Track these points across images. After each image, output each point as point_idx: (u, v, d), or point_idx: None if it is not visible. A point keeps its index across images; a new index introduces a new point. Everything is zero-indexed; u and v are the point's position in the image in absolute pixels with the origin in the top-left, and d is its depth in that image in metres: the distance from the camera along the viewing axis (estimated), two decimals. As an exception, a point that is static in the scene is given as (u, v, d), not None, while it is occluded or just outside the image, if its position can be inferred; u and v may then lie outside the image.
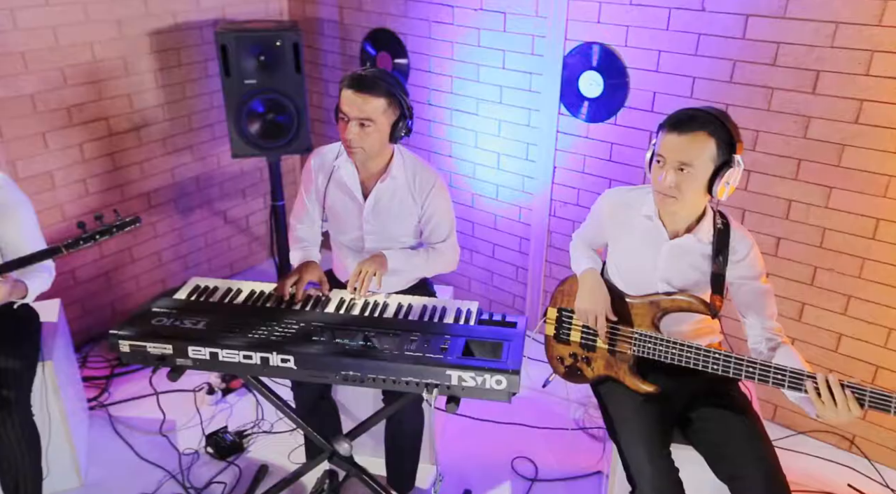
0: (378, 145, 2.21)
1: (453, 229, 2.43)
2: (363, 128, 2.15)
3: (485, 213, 3.53)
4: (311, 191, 2.42)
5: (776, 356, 1.88)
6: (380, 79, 2.14)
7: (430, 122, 3.53)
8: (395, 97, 2.16)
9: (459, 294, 3.82)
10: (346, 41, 3.69)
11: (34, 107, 2.93)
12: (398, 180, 2.32)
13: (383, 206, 2.35)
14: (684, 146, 1.82)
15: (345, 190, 2.36)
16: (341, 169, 2.34)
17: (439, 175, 2.37)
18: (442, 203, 2.36)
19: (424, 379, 1.82)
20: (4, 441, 2.13)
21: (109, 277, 3.42)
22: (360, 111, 2.13)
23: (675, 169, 1.84)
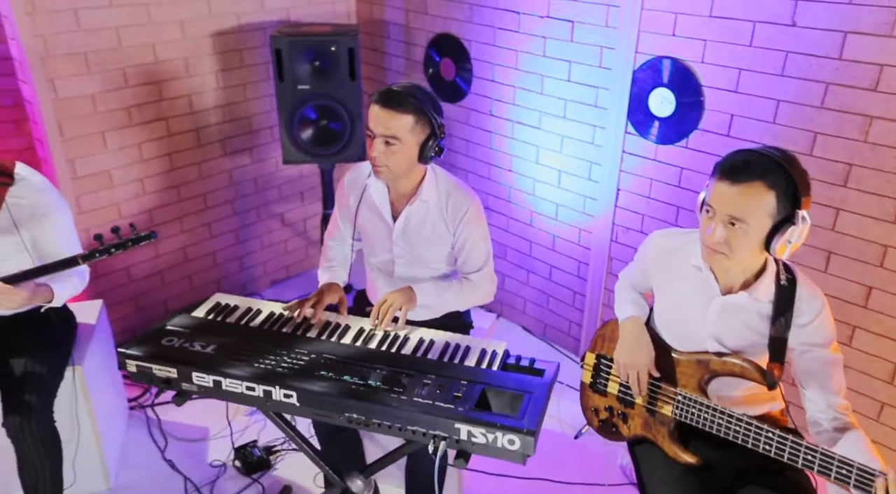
0: (405, 165, 2.07)
1: (489, 259, 2.26)
2: (389, 147, 2.02)
3: (543, 233, 3.33)
4: (343, 209, 2.32)
5: (841, 442, 1.60)
6: (410, 95, 2.00)
7: (491, 134, 3.36)
8: (424, 115, 2.02)
9: (514, 315, 3.63)
10: (411, 45, 3.56)
11: (95, 106, 2.96)
12: (429, 203, 2.18)
13: (413, 230, 2.21)
14: (737, 198, 1.57)
15: (375, 210, 2.24)
16: (372, 187, 2.22)
17: (475, 200, 2.20)
18: (475, 231, 2.19)
19: (432, 430, 1.67)
20: (24, 446, 2.13)
21: (163, 276, 3.45)
22: (385, 128, 2.00)
23: (726, 223, 1.59)
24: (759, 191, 1.56)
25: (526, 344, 3.50)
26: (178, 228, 3.42)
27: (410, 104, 2.00)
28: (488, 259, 2.26)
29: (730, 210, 1.58)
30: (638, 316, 1.92)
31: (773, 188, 1.55)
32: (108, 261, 3.21)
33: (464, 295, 2.24)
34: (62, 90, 2.85)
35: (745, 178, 1.56)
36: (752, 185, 1.56)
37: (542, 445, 1.71)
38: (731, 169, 1.58)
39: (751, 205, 1.56)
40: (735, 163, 1.58)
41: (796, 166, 1.59)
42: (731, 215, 1.58)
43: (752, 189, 1.56)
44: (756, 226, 1.58)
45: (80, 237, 3.03)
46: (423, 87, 2.10)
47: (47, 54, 2.78)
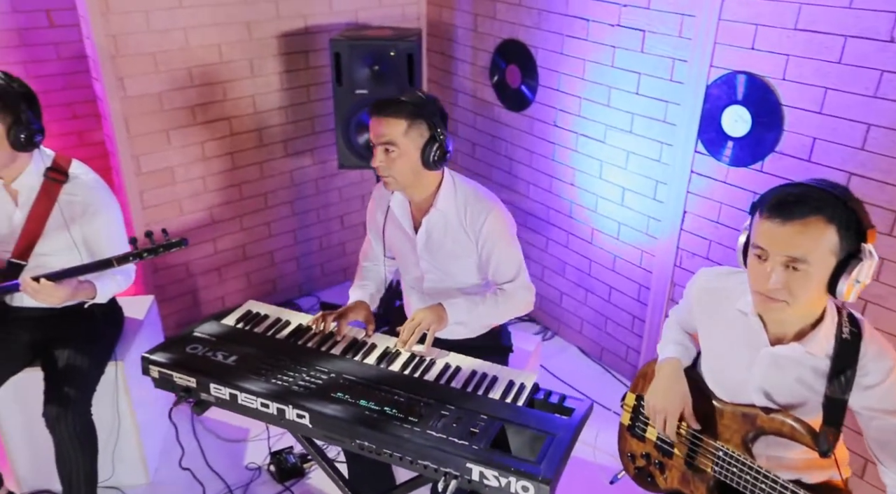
0: (408, 172, 2.01)
1: (521, 266, 2.15)
2: (388, 154, 1.99)
3: (604, 252, 3.16)
4: (372, 227, 2.27)
5: None
6: (406, 101, 1.97)
7: (555, 146, 3.22)
8: (419, 118, 1.96)
9: (571, 335, 3.48)
10: (478, 51, 3.46)
11: (161, 105, 3.03)
12: (448, 213, 2.10)
13: (436, 242, 2.13)
14: (794, 237, 1.38)
15: (398, 224, 2.19)
16: (394, 201, 2.17)
17: (495, 206, 2.09)
18: (499, 239, 2.08)
19: (443, 467, 1.57)
20: (60, 437, 2.19)
21: (221, 273, 3.50)
22: (380, 135, 1.97)
23: (784, 266, 1.41)
24: (819, 226, 1.37)
25: (581, 367, 3.35)
26: (237, 226, 3.46)
27: (403, 109, 1.96)
28: (520, 267, 2.15)
29: (787, 250, 1.39)
30: (677, 358, 1.75)
31: (832, 221, 1.37)
32: (167, 257, 3.28)
33: (500, 307, 2.13)
34: (130, 88, 2.93)
35: (801, 214, 1.38)
36: (808, 221, 1.37)
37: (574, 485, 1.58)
38: (781, 205, 1.40)
39: (811, 242, 1.38)
40: (785, 198, 1.40)
41: (852, 197, 1.40)
42: (789, 256, 1.39)
43: (810, 224, 1.37)
44: (819, 266, 1.39)
45: (139, 233, 3.13)
46: (423, 93, 2.05)
47: (118, 53, 2.85)
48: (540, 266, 3.52)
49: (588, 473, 2.64)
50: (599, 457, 2.63)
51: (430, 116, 1.98)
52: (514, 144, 3.43)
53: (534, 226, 3.47)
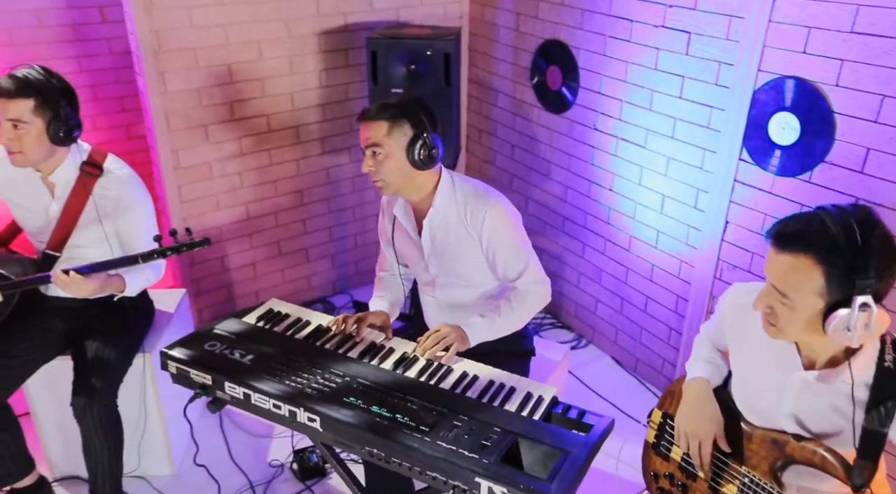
0: (397, 173, 1.99)
1: (529, 260, 2.09)
2: (375, 157, 1.98)
3: (641, 261, 3.06)
4: (383, 236, 2.27)
5: None
6: (387, 104, 1.98)
7: (594, 150, 3.13)
8: (402, 118, 1.95)
9: (605, 344, 3.39)
10: (520, 51, 3.40)
11: (200, 100, 3.06)
12: (448, 213, 2.07)
13: (440, 244, 2.10)
14: (781, 269, 1.34)
15: (403, 230, 2.17)
16: (397, 208, 2.16)
17: (494, 202, 2.05)
18: (501, 234, 2.04)
19: (451, 480, 1.53)
20: (86, 427, 2.22)
21: (256, 268, 3.53)
22: (365, 139, 1.99)
23: (771, 293, 1.35)
24: (804, 266, 1.31)
25: (614, 377, 3.25)
26: (273, 222, 3.48)
27: (384, 111, 1.96)
28: (528, 261, 2.09)
29: (774, 280, 1.35)
30: (705, 379, 1.67)
31: (821, 263, 1.30)
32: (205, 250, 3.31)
33: (516, 312, 2.08)
34: (171, 83, 2.96)
35: (791, 248, 1.32)
36: (797, 257, 1.31)
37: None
38: (778, 233, 1.35)
39: (794, 280, 1.32)
40: (784, 228, 1.35)
41: (868, 240, 1.28)
42: (774, 285, 1.34)
43: (797, 262, 1.31)
44: (803, 305, 1.33)
45: (177, 226, 3.17)
46: (408, 95, 2.07)
47: (160, 49, 2.89)
48: (576, 272, 3.44)
49: (608, 486, 2.55)
50: (622, 470, 2.54)
51: (412, 116, 1.97)
52: (552, 147, 3.35)
53: (571, 231, 3.39)
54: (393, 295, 2.27)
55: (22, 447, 2.38)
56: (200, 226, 3.25)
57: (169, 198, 3.12)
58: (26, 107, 2.06)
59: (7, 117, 2.06)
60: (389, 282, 2.32)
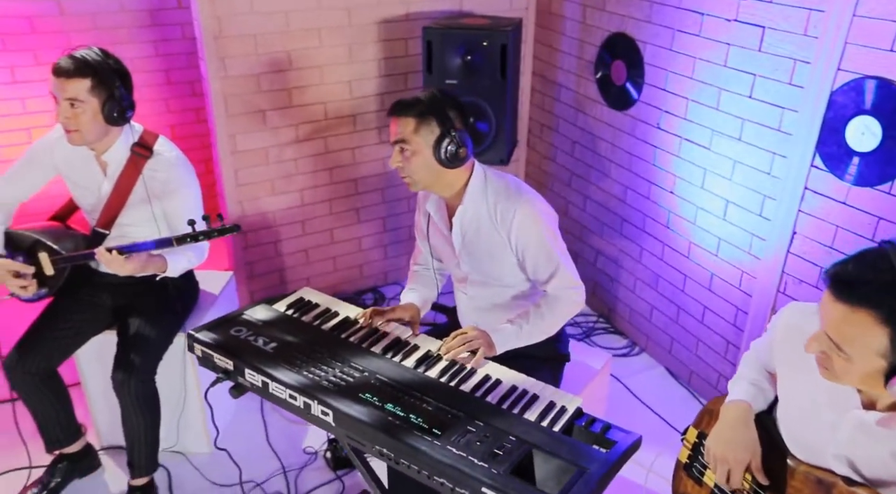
0: (424, 170, 1.94)
1: (560, 263, 2.00)
2: (403, 154, 1.94)
3: (700, 269, 2.89)
4: (418, 229, 2.23)
5: None
6: (416, 99, 1.93)
7: (656, 150, 2.98)
8: (429, 115, 1.90)
9: (659, 354, 3.23)
10: (585, 44, 3.27)
11: (259, 86, 3.09)
12: (478, 211, 2.00)
13: (471, 242, 2.04)
14: (838, 320, 1.18)
15: (436, 225, 2.12)
16: (430, 203, 2.11)
17: (526, 201, 1.96)
18: (530, 234, 1.95)
19: (458, 487, 1.47)
20: (124, 401, 2.28)
21: (308, 254, 3.55)
22: (393, 134, 1.94)
23: (826, 341, 1.20)
24: (865, 322, 1.15)
25: (666, 389, 3.10)
26: (326, 210, 3.49)
27: (412, 107, 1.91)
28: (559, 264, 1.99)
29: (828, 328, 1.19)
30: (747, 402, 1.53)
31: (887, 324, 1.13)
32: (259, 234, 3.37)
33: (547, 318, 2.00)
34: (231, 68, 3.01)
35: (851, 299, 1.15)
36: (856, 311, 1.15)
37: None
38: (836, 278, 1.18)
39: (851, 334, 1.16)
40: (843, 273, 1.17)
41: None
42: (829, 336, 1.18)
43: (856, 316, 1.15)
44: (862, 361, 1.18)
45: (233, 209, 3.23)
46: (438, 90, 1.98)
47: (220, 34, 2.93)
48: (632, 276, 3.29)
49: None
50: (651, 482, 2.40)
51: (439, 113, 1.91)
52: (614, 145, 3.22)
53: (629, 233, 3.24)
54: (425, 289, 2.23)
55: (70, 414, 2.47)
56: (255, 211, 3.30)
57: (225, 181, 3.17)
58: (83, 86, 2.12)
59: (65, 96, 2.12)
60: (422, 277, 2.28)
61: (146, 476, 2.42)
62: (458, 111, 1.96)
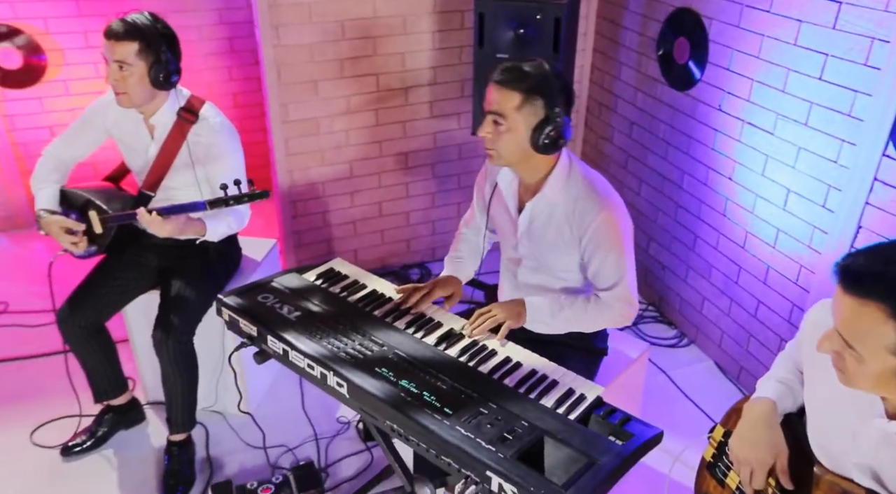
0: (514, 150, 1.82)
1: (624, 277, 1.89)
2: (496, 126, 1.81)
3: (755, 260, 2.74)
4: (479, 195, 2.13)
5: None
6: (527, 72, 1.76)
7: (717, 133, 2.83)
8: (537, 94, 1.76)
9: (709, 347, 3.11)
10: (648, 20, 3.12)
11: (311, 56, 3.09)
12: (555, 202, 1.89)
13: (538, 230, 1.94)
14: (847, 313, 1.10)
15: (503, 201, 2.01)
16: (501, 177, 2.00)
17: (610, 206, 1.85)
18: (605, 243, 1.85)
19: (464, 468, 1.44)
20: (162, 360, 2.36)
21: (356, 226, 3.57)
22: (492, 103, 1.80)
23: (837, 338, 1.11)
24: (873, 317, 1.06)
25: (713, 384, 2.98)
26: (376, 182, 3.49)
27: (521, 80, 1.76)
28: (623, 277, 1.90)
29: (839, 325, 1.11)
30: (772, 400, 1.44)
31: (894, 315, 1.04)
32: (308, 204, 3.40)
33: (589, 315, 1.92)
34: (284, 37, 3.01)
35: (859, 292, 1.08)
36: (865, 304, 1.07)
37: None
38: (845, 270, 1.10)
39: (860, 330, 1.08)
40: (853, 265, 1.09)
41: None
42: (839, 332, 1.09)
43: (864, 310, 1.07)
44: (871, 359, 1.08)
45: (283, 178, 3.26)
46: (550, 67, 1.81)
47: (275, 2, 2.94)
48: (685, 265, 3.16)
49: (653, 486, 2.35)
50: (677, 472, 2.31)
51: (550, 94, 1.77)
52: (673, 127, 3.07)
53: (684, 220, 3.11)
54: (469, 259, 2.18)
55: (117, 368, 2.57)
56: (304, 180, 3.32)
57: (276, 150, 3.21)
58: (131, 49, 2.16)
59: (114, 58, 2.16)
60: (469, 243, 2.22)
61: (183, 433, 2.50)
62: (566, 96, 1.83)
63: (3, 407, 2.80)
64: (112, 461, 2.58)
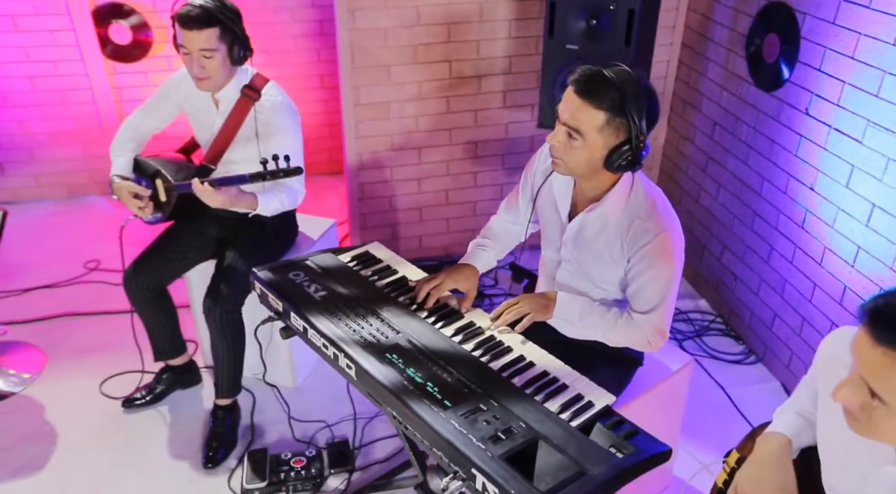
0: (583, 165, 1.72)
1: (663, 305, 1.79)
2: (570, 140, 1.69)
3: (833, 279, 2.53)
4: (527, 181, 2.05)
5: None
6: (614, 87, 1.61)
7: (801, 138, 2.62)
8: (623, 116, 1.63)
9: (777, 367, 2.91)
10: (740, 13, 2.93)
11: (385, 40, 3.11)
12: (610, 216, 1.79)
13: (586, 239, 1.85)
14: (877, 363, 0.97)
15: (553, 199, 1.93)
16: (556, 176, 1.89)
17: (667, 231, 1.74)
18: (652, 268, 1.75)
19: (452, 463, 1.42)
20: (211, 326, 2.46)
21: (422, 213, 3.58)
22: (571, 117, 1.67)
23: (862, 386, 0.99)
24: None
25: (776, 406, 2.77)
26: (443, 170, 3.48)
27: (608, 96, 1.62)
28: (662, 304, 1.79)
29: (867, 374, 0.98)
30: (786, 436, 1.32)
31: None
32: (375, 187, 3.45)
33: (616, 329, 1.83)
34: (360, 21, 3.05)
35: (888, 341, 0.94)
36: (891, 354, 0.93)
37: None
38: (875, 316, 0.96)
39: (890, 380, 0.94)
40: (884, 310, 0.96)
41: None
42: (866, 381, 0.96)
43: (891, 359, 0.93)
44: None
45: (352, 159, 3.31)
46: (639, 79, 1.65)
47: (353, -14, 2.98)
48: (758, 277, 2.96)
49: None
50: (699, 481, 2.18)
51: (636, 114, 1.62)
52: (756, 130, 2.87)
53: (760, 229, 2.91)
54: (499, 246, 2.12)
55: (176, 330, 2.71)
56: (373, 164, 3.36)
57: (346, 132, 3.26)
58: (213, 35, 2.24)
59: (198, 48, 2.24)
60: (502, 227, 2.15)
61: (228, 398, 2.61)
62: (653, 114, 1.68)
63: (82, 356, 3.02)
64: (166, 417, 2.74)
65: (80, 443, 2.61)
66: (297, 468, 2.42)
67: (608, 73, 1.64)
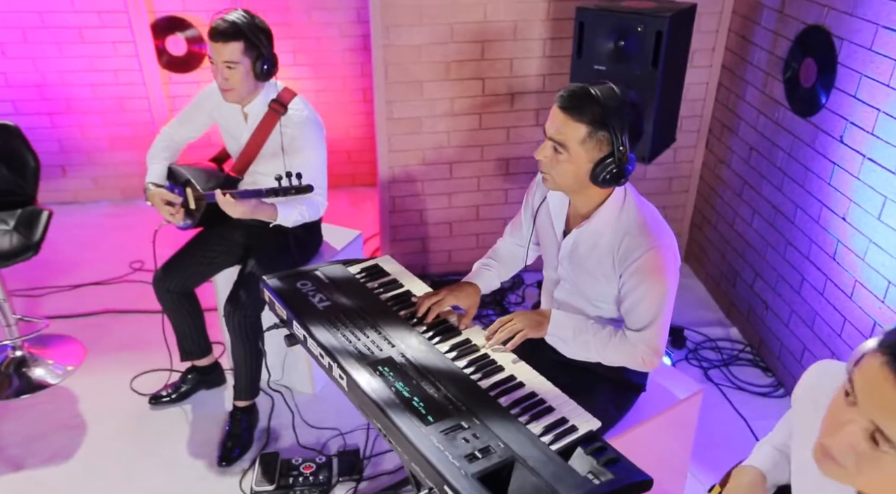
0: (570, 180, 1.74)
1: (657, 322, 1.77)
2: (556, 154, 1.72)
3: (862, 314, 2.43)
4: (528, 204, 2.07)
5: None
6: (595, 101, 1.65)
7: (835, 167, 2.53)
8: (604, 129, 1.65)
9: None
10: (779, 37, 2.86)
11: (419, 56, 3.16)
12: (602, 233, 1.79)
13: (580, 256, 1.86)
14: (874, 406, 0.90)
15: (549, 220, 1.94)
16: (552, 195, 1.92)
17: (660, 246, 1.72)
18: (643, 284, 1.74)
19: (427, 478, 1.43)
20: (230, 330, 2.54)
21: (452, 227, 3.60)
22: (555, 132, 1.70)
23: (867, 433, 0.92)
24: None
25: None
26: (474, 186, 3.50)
27: (588, 110, 1.65)
28: (656, 321, 1.77)
29: (878, 418, 0.90)
30: (760, 471, 1.28)
31: None
32: (406, 200, 3.49)
33: (610, 348, 1.82)
34: (394, 37, 3.11)
35: None
36: None
37: None
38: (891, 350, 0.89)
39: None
40: None
41: None
42: (876, 425, 0.91)
43: None
44: None
45: (384, 173, 3.37)
46: (622, 95, 1.68)
47: (388, 3, 3.04)
48: (788, 308, 2.86)
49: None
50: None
51: (617, 127, 1.66)
52: (790, 156, 2.80)
53: (792, 259, 2.82)
54: (503, 267, 2.13)
55: (202, 331, 2.80)
56: (404, 177, 3.41)
57: (379, 145, 3.32)
58: (238, 48, 2.34)
59: (222, 59, 2.35)
60: (507, 249, 2.17)
61: (246, 401, 2.68)
62: (637, 129, 1.72)
63: (118, 352, 3.16)
64: (188, 416, 2.83)
65: (108, 436, 2.72)
66: (306, 473, 2.46)
67: (592, 89, 1.67)
